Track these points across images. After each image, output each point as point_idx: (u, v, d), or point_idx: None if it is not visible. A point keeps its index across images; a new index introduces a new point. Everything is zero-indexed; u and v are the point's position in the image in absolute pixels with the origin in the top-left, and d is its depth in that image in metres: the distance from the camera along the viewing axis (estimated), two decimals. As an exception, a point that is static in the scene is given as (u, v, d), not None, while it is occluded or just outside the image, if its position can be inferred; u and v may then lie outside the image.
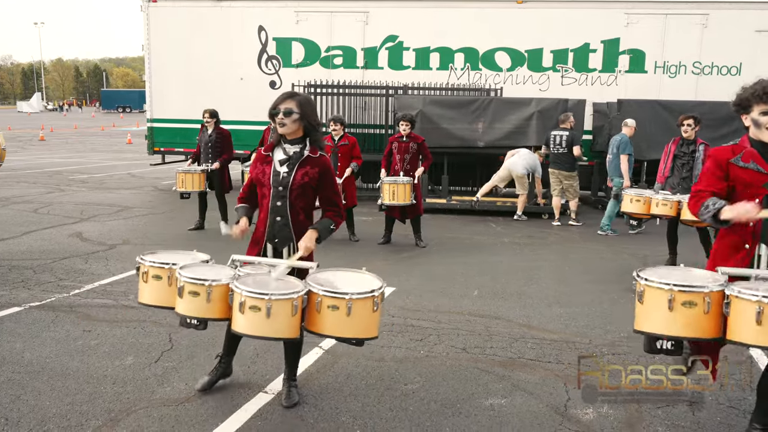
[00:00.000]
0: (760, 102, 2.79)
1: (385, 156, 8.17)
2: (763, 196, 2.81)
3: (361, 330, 3.10)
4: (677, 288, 2.69)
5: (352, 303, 3.01)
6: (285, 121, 3.34)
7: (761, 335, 2.56)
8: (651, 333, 2.78)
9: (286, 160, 3.38)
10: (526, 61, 12.54)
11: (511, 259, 7.52)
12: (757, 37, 11.82)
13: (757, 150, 2.85)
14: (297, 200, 3.40)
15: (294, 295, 3.00)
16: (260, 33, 13.03)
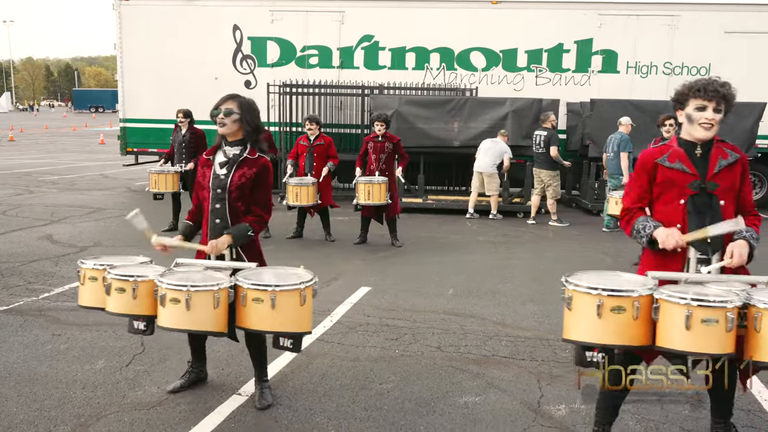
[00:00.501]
0: (696, 97, 2.73)
1: (361, 156, 8.17)
2: (688, 197, 2.76)
3: (287, 324, 3.07)
4: (605, 293, 2.53)
5: (275, 295, 2.99)
6: (225, 121, 3.37)
7: (691, 341, 2.43)
8: (580, 341, 2.62)
9: (226, 162, 3.40)
10: (501, 61, 12.63)
11: (485, 257, 7.57)
12: (726, 38, 12.05)
13: (684, 150, 2.81)
14: (236, 202, 3.40)
15: (215, 287, 3.01)
16: (235, 32, 12.91)
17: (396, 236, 8.19)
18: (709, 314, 2.39)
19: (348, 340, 4.63)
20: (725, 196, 2.76)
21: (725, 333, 2.40)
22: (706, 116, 2.71)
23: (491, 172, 10.30)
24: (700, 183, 2.74)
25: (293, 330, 3.10)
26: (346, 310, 5.35)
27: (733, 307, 2.41)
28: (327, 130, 10.82)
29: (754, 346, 2.43)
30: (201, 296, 2.99)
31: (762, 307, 2.39)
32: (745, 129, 11.05)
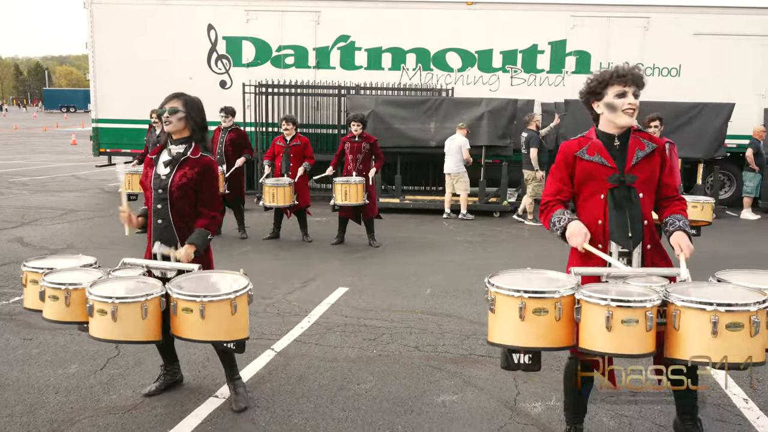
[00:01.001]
0: (615, 83, 2.73)
1: (337, 156, 8.17)
2: (608, 191, 2.76)
3: (218, 333, 3.01)
4: (527, 295, 2.48)
5: (204, 306, 2.92)
6: (170, 119, 3.38)
7: (612, 342, 2.41)
8: (504, 345, 2.57)
9: (169, 161, 3.38)
10: (477, 62, 12.72)
11: (463, 257, 7.63)
12: (695, 40, 12.30)
13: (602, 142, 2.80)
14: (179, 202, 3.36)
15: (142, 298, 2.96)
16: (209, 32, 12.80)
17: (373, 236, 8.20)
18: (629, 315, 2.38)
19: (326, 340, 4.63)
20: (644, 189, 2.76)
21: (645, 333, 2.39)
22: (629, 102, 2.71)
23: (457, 171, 10.37)
24: (619, 176, 2.74)
25: (225, 339, 3.04)
26: (323, 310, 5.35)
27: (652, 306, 2.40)
28: (303, 131, 10.78)
29: (673, 343, 2.43)
30: (128, 308, 2.93)
31: (680, 304, 2.39)
32: (715, 129, 11.29)
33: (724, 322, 2.30)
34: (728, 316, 2.31)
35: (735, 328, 2.31)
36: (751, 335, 2.30)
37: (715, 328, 2.30)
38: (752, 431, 3.31)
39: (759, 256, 7.91)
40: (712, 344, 2.32)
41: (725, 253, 7.94)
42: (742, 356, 2.31)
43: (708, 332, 2.32)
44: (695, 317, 2.36)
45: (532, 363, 2.61)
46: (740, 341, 2.31)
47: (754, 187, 11.42)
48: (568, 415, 3.09)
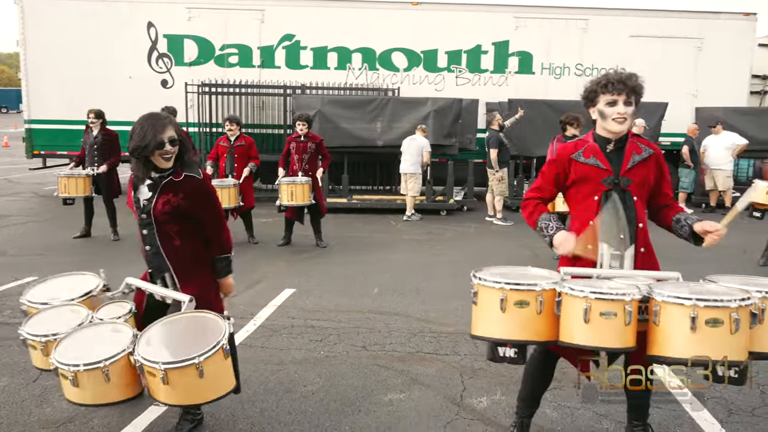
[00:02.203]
0: (605, 92, 2.75)
1: (283, 156, 8.07)
2: (602, 192, 2.78)
3: (191, 397, 2.75)
4: (509, 286, 2.50)
5: (165, 373, 2.63)
6: (173, 150, 2.95)
7: (590, 335, 2.41)
8: (485, 337, 2.59)
9: (152, 185, 3.02)
10: (422, 62, 12.82)
11: (410, 256, 7.66)
12: (632, 41, 12.75)
13: (598, 145, 2.82)
14: (166, 226, 3.02)
15: (101, 364, 2.70)
16: (149, 29, 12.45)
17: (321, 236, 8.14)
18: (608, 307, 2.39)
19: (272, 343, 4.56)
20: (638, 192, 2.79)
21: (624, 326, 2.39)
22: (618, 111, 2.73)
23: (412, 172, 10.36)
24: (614, 179, 2.77)
25: (194, 402, 2.82)
26: (269, 313, 5.27)
27: (631, 300, 2.40)
28: (248, 131, 10.62)
29: (653, 340, 2.44)
30: (88, 375, 2.71)
31: (660, 300, 2.39)
32: (650, 127, 11.72)
33: (703, 318, 2.29)
34: (708, 312, 2.30)
35: (715, 325, 2.30)
36: (731, 332, 2.29)
37: (694, 323, 2.29)
38: (686, 416, 3.43)
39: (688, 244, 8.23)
40: (691, 340, 2.32)
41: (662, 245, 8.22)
42: (720, 354, 2.30)
43: (687, 328, 2.31)
44: (675, 312, 2.35)
45: (518, 357, 2.62)
46: (720, 338, 2.30)
47: (689, 182, 11.92)
48: (522, 406, 3.10)
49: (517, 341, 2.55)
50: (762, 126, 11.89)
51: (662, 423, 3.33)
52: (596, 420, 3.40)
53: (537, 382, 3.04)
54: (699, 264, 6.55)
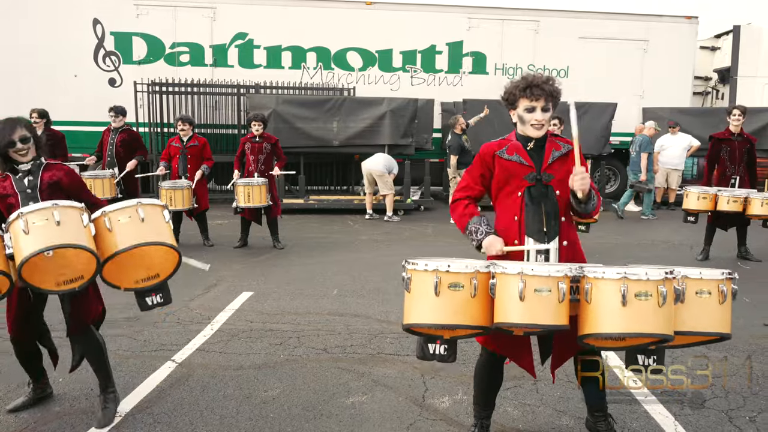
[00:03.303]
0: (523, 97, 2.80)
1: (238, 157, 7.94)
2: (525, 189, 2.84)
3: (154, 234, 3.10)
4: (443, 269, 2.49)
5: (143, 208, 3.11)
6: (25, 148, 3.25)
7: (525, 312, 2.44)
8: (419, 323, 2.56)
9: (28, 171, 3.29)
10: (377, 62, 12.83)
11: (369, 256, 7.65)
12: (581, 43, 13.08)
13: (521, 143, 2.89)
14: (51, 199, 3.21)
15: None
16: (95, 26, 12.07)
17: (278, 238, 8.05)
18: (542, 283, 2.43)
19: (230, 348, 4.47)
20: (560, 187, 2.86)
21: (558, 303, 2.44)
22: (536, 117, 2.79)
23: (381, 171, 10.29)
24: (536, 175, 2.84)
25: (160, 240, 3.12)
26: (227, 317, 5.17)
27: (564, 276, 2.45)
28: (201, 131, 10.42)
29: (585, 319, 2.49)
30: (67, 212, 2.94)
31: (592, 276, 2.46)
32: (601, 127, 12.05)
33: (633, 291, 2.38)
34: (637, 285, 2.38)
35: (644, 297, 2.38)
36: (659, 305, 2.38)
37: (625, 298, 2.37)
38: (640, 410, 3.53)
39: (643, 244, 8.50)
40: (621, 314, 2.39)
41: (613, 242, 8.48)
42: (651, 328, 2.39)
43: (618, 302, 2.39)
44: (606, 288, 2.43)
45: (448, 354, 2.62)
46: (649, 312, 2.38)
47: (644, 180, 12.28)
48: (477, 409, 3.13)
49: (450, 326, 2.52)
50: (705, 125, 12.34)
51: (618, 417, 3.41)
52: (556, 416, 3.46)
53: (487, 385, 3.06)
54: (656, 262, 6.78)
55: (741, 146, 7.24)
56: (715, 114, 12.44)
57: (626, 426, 3.33)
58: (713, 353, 4.34)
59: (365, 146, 11.35)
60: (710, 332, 2.56)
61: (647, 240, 8.92)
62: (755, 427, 3.31)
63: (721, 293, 2.53)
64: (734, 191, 7.00)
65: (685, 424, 3.34)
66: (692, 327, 2.53)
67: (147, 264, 3.25)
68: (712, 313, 2.54)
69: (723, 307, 2.54)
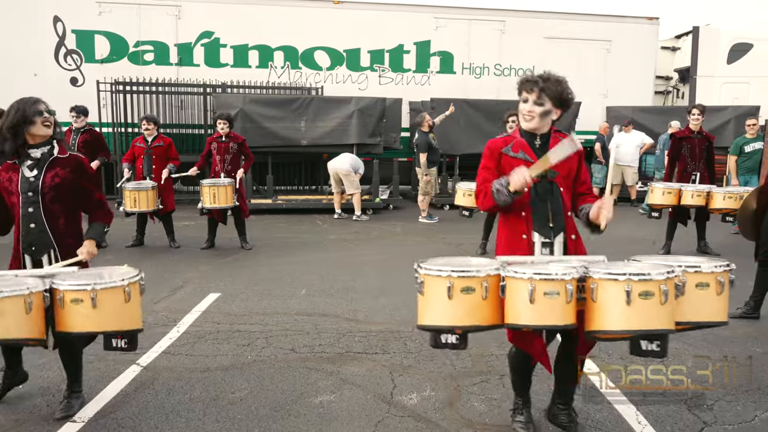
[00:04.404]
0: (521, 90, 2.92)
1: (203, 156, 7.85)
2: (532, 185, 2.85)
3: (113, 322, 2.92)
4: (455, 274, 2.61)
5: (96, 294, 2.84)
6: (51, 119, 3.24)
7: (535, 314, 2.57)
8: (434, 326, 2.68)
9: (35, 164, 3.24)
10: (345, 61, 12.82)
11: (337, 255, 7.64)
12: (546, 43, 13.27)
13: (525, 140, 2.97)
14: (53, 204, 3.25)
15: (26, 290, 2.79)
16: (56, 24, 11.80)
17: (245, 238, 7.98)
18: (551, 287, 2.55)
19: (197, 350, 4.42)
20: (564, 184, 2.96)
21: (566, 304, 2.57)
22: (527, 108, 2.89)
23: (347, 170, 10.26)
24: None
25: (120, 329, 2.95)
26: (194, 318, 5.11)
27: (571, 279, 2.57)
28: (166, 131, 10.27)
29: (591, 316, 2.62)
30: (10, 302, 2.74)
31: (597, 277, 2.58)
32: (564, 126, 12.22)
33: (637, 291, 2.50)
34: (640, 285, 2.50)
35: (647, 297, 2.50)
36: (661, 303, 2.51)
37: (629, 297, 2.49)
38: (604, 401, 3.60)
39: (609, 239, 8.65)
40: (626, 313, 2.52)
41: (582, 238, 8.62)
42: (654, 324, 2.52)
43: (622, 302, 2.51)
44: (611, 288, 2.55)
45: (459, 342, 2.71)
46: (652, 310, 2.51)
47: (601, 178, 12.53)
48: (518, 391, 3.23)
49: (465, 327, 2.65)
50: (666, 124, 12.63)
51: (581, 409, 3.48)
52: (522, 410, 3.50)
53: (523, 369, 3.17)
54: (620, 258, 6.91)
55: (701, 144, 7.47)
56: (676, 113, 12.74)
57: (590, 417, 3.40)
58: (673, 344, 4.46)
59: (333, 146, 11.32)
60: (709, 322, 2.73)
61: (610, 236, 9.08)
62: (713, 415, 3.41)
63: (719, 284, 2.68)
64: (697, 186, 7.21)
65: (645, 414, 3.42)
66: (692, 318, 2.68)
67: None
68: (710, 304, 2.69)
69: (721, 298, 2.70)
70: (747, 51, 14.24)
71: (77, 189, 3.31)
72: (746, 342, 4.63)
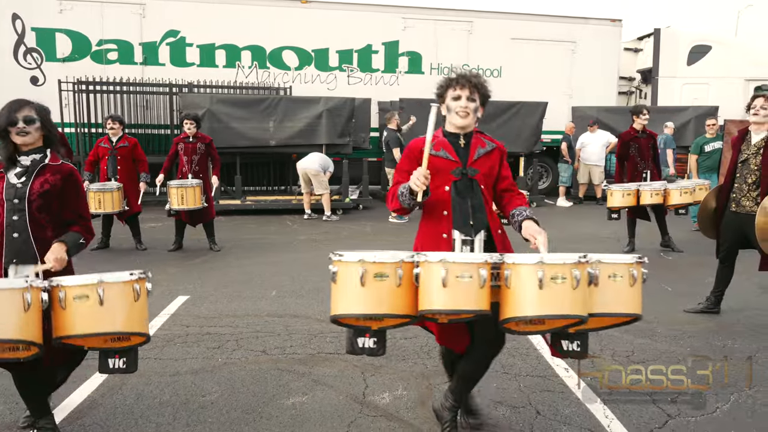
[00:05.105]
0: (450, 87, 2.92)
1: (170, 157, 7.74)
2: (452, 183, 2.92)
3: (119, 323, 2.68)
4: (369, 260, 2.54)
5: (104, 289, 2.62)
6: (28, 129, 2.99)
7: (448, 298, 2.51)
8: (345, 314, 2.61)
9: (23, 171, 3.03)
10: (314, 61, 12.76)
11: (307, 256, 7.61)
12: (513, 43, 13.42)
13: (448, 140, 2.98)
14: (39, 213, 3.02)
15: (24, 285, 2.54)
16: (15, 21, 11.47)
17: (214, 240, 7.89)
18: (463, 270, 2.51)
19: (166, 354, 4.36)
20: (484, 181, 2.97)
21: (479, 289, 2.52)
22: (460, 105, 2.90)
23: (316, 170, 10.22)
24: (462, 169, 2.94)
25: (129, 330, 2.71)
26: (162, 322, 5.04)
27: (484, 262, 2.54)
28: (132, 131, 10.10)
29: (506, 303, 2.58)
30: (4, 297, 2.49)
31: (510, 262, 2.56)
32: (532, 125, 12.43)
33: (549, 275, 2.48)
34: (552, 269, 2.49)
35: (560, 281, 2.49)
36: (573, 288, 2.50)
37: (542, 281, 2.47)
38: (572, 396, 3.68)
39: (574, 237, 8.82)
40: (539, 297, 2.50)
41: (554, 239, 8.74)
42: (566, 309, 2.50)
43: (535, 286, 2.49)
44: (523, 272, 2.52)
45: (377, 347, 2.66)
46: (564, 294, 2.50)
47: (567, 177, 12.75)
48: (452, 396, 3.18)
49: (377, 315, 2.59)
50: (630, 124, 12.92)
51: (550, 404, 3.54)
52: (492, 407, 3.55)
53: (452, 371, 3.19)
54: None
55: (647, 142, 7.73)
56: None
57: (558, 412, 3.47)
58: (638, 340, 4.57)
59: (302, 146, 11.27)
60: (622, 313, 2.71)
61: (576, 234, 9.27)
62: (677, 408, 3.50)
63: (632, 276, 2.67)
64: (653, 185, 7.42)
65: (612, 408, 3.50)
66: (606, 309, 2.66)
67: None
68: (624, 295, 2.68)
69: (634, 290, 2.69)
70: (706, 53, 14.64)
71: (64, 198, 3.09)
72: (708, 336, 4.78)
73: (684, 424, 3.33)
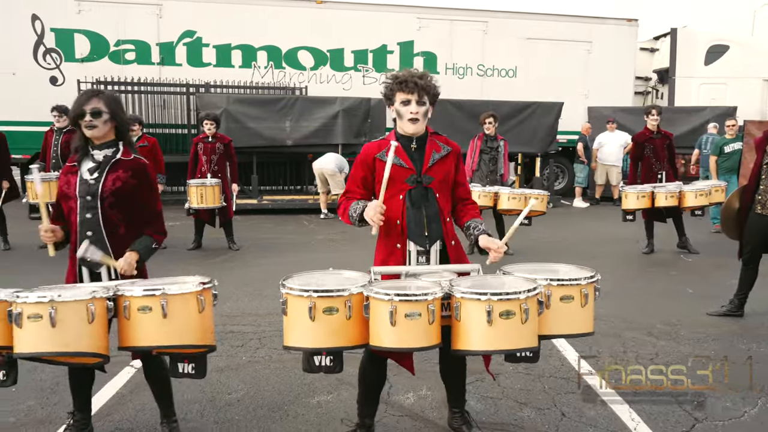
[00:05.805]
0: (399, 91, 2.78)
1: (191, 159, 7.79)
2: (406, 192, 2.82)
3: (185, 335, 2.62)
4: (317, 294, 2.48)
5: (167, 301, 2.56)
6: (95, 122, 2.89)
7: (397, 337, 2.46)
8: (299, 347, 2.57)
9: (96, 167, 2.94)
10: (329, 61, 12.80)
11: (325, 255, 7.64)
12: (528, 43, 13.39)
13: (401, 144, 2.84)
14: (112, 210, 2.91)
15: (87, 296, 2.49)
16: (34, 22, 11.59)
17: (233, 239, 7.95)
18: (412, 308, 2.44)
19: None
20: (440, 189, 2.87)
21: (428, 325, 2.46)
22: (410, 110, 2.78)
23: (333, 170, 10.26)
24: (416, 177, 2.83)
25: (193, 342, 2.65)
26: (185, 320, 5.08)
27: (433, 299, 2.47)
28: (149, 131, 10.16)
29: (456, 335, 2.55)
30: (69, 308, 2.43)
31: (459, 296, 2.49)
32: (548, 126, 12.37)
33: (497, 311, 2.43)
34: (501, 305, 2.44)
35: (508, 316, 2.45)
36: (522, 322, 2.46)
37: (490, 317, 2.43)
38: (597, 398, 3.67)
39: (589, 239, 8.79)
40: (488, 333, 2.46)
41: (560, 238, 8.73)
42: (514, 344, 2.48)
43: (484, 322, 2.44)
44: (473, 307, 2.47)
45: (334, 365, 2.61)
46: (513, 329, 2.46)
47: (583, 177, 12.69)
48: (360, 408, 3.14)
49: (329, 349, 2.55)
50: (646, 124, 12.87)
51: (575, 406, 3.54)
52: (517, 408, 3.56)
53: (370, 383, 3.09)
54: (605, 258, 7.03)
55: (662, 143, 7.65)
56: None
57: (584, 414, 3.46)
58: (661, 342, 4.55)
59: (319, 146, 11.32)
60: (573, 334, 2.75)
61: (594, 236, 9.23)
62: (704, 412, 3.49)
63: (584, 296, 2.67)
64: (668, 187, 7.36)
65: (638, 410, 3.49)
66: (557, 331, 2.70)
67: None
68: (575, 317, 2.69)
69: (585, 310, 2.69)
70: (723, 53, 14.52)
71: (137, 196, 2.98)
72: (732, 339, 4.75)
73: (712, 428, 3.32)
